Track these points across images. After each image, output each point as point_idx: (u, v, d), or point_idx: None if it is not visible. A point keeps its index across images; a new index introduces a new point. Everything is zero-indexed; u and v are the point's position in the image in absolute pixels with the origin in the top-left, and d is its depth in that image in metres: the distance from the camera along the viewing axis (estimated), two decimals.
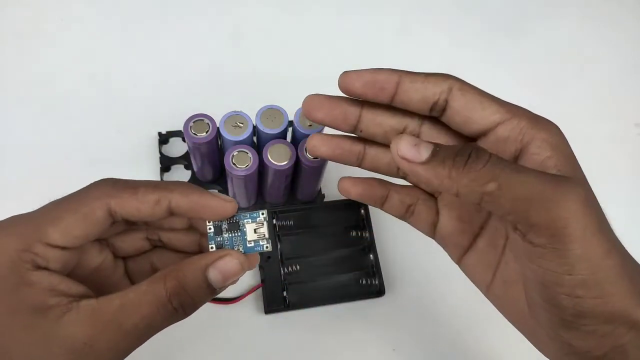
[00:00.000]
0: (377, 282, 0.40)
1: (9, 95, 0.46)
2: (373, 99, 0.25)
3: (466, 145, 0.21)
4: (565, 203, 0.20)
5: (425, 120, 0.27)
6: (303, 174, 0.38)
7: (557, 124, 0.24)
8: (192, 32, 0.51)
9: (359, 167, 0.29)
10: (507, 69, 0.54)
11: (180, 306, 0.22)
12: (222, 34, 0.52)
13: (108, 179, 0.24)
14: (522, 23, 0.57)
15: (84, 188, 0.23)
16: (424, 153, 0.21)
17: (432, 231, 0.29)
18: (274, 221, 0.41)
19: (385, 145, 0.27)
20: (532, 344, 0.26)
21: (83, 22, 0.50)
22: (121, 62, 0.49)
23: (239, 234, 0.25)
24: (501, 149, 0.24)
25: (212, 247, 0.25)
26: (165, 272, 0.22)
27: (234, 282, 0.24)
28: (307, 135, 0.36)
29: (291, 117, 0.37)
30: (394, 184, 0.29)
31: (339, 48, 0.52)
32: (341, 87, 0.26)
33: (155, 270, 0.28)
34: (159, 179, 0.42)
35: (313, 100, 0.27)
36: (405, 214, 0.29)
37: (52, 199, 0.24)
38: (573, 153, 0.24)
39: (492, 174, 0.20)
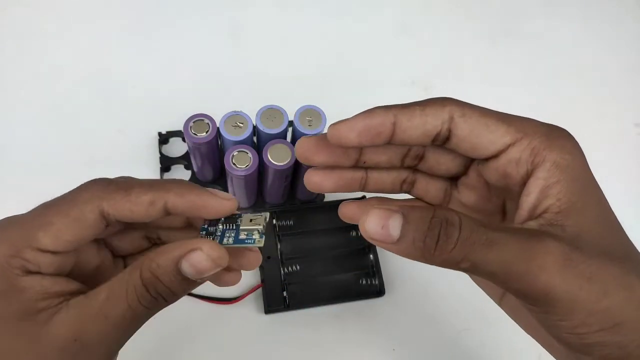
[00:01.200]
0: (377, 282, 0.40)
1: (9, 95, 0.46)
2: (370, 145, 0.24)
3: (434, 223, 0.20)
4: (541, 274, 0.20)
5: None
6: (303, 174, 0.38)
7: (570, 132, 0.23)
8: (192, 31, 0.51)
9: (361, 191, 0.27)
10: (507, 69, 0.54)
11: (159, 295, 0.22)
12: (222, 34, 0.52)
13: (100, 179, 0.23)
14: (522, 23, 0.57)
15: (75, 190, 0.23)
16: (394, 233, 0.20)
17: None
18: (274, 221, 0.41)
19: (388, 168, 0.27)
20: (550, 353, 0.25)
21: (83, 22, 0.50)
22: (121, 62, 0.49)
23: (234, 227, 0.23)
24: (513, 171, 0.23)
25: (201, 235, 0.24)
26: (142, 261, 0.22)
27: (212, 276, 0.22)
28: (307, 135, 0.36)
29: (291, 117, 0.37)
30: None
31: (339, 48, 0.52)
32: (333, 141, 0.23)
33: None
34: (159, 179, 0.42)
35: (308, 144, 0.25)
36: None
37: (48, 200, 0.23)
38: (585, 171, 0.22)
39: (463, 254, 0.20)
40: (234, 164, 0.35)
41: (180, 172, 0.44)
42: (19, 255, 0.21)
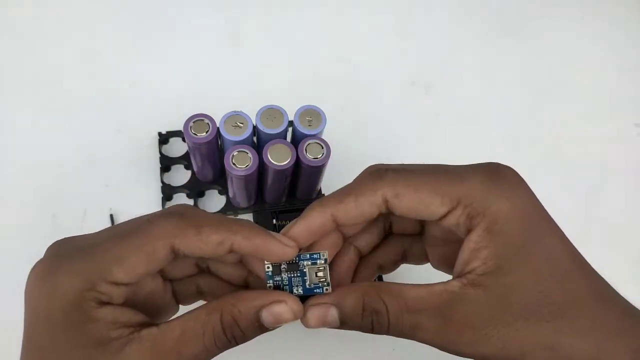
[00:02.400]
0: (376, 281, 0.40)
1: (9, 95, 0.46)
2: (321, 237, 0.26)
3: (365, 316, 0.23)
4: (461, 349, 0.22)
5: None
6: (303, 174, 0.38)
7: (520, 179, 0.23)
8: (192, 31, 0.51)
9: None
10: (507, 69, 0.54)
11: (234, 338, 0.23)
12: (222, 33, 0.52)
13: (173, 213, 0.23)
14: (522, 23, 0.57)
15: (147, 222, 0.23)
16: (334, 324, 0.24)
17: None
18: (274, 221, 0.40)
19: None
20: None
21: (83, 22, 0.50)
22: (121, 62, 0.49)
23: (299, 274, 0.25)
24: (456, 231, 0.23)
25: (269, 286, 0.25)
26: (222, 304, 0.23)
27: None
28: (307, 135, 0.36)
29: (291, 117, 0.37)
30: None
31: (339, 48, 0.52)
32: (285, 242, 0.24)
33: (201, 292, 0.28)
34: (159, 179, 0.42)
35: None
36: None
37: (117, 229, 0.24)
38: (525, 226, 0.22)
39: (398, 334, 0.23)
40: (234, 164, 0.35)
41: (180, 172, 0.44)
42: (94, 288, 0.21)
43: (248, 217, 0.42)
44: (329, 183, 0.42)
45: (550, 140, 0.50)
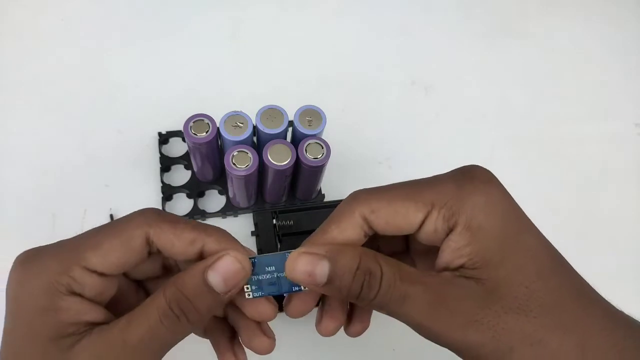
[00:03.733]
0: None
1: (9, 95, 0.46)
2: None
3: (358, 275, 0.22)
4: (446, 333, 0.21)
5: None
6: (303, 174, 0.38)
7: (489, 169, 0.23)
8: (193, 31, 0.51)
9: None
10: (507, 69, 0.54)
11: (182, 313, 0.22)
12: (222, 34, 0.52)
13: (151, 208, 0.24)
14: (521, 23, 0.57)
15: (125, 216, 0.23)
16: (320, 280, 0.22)
17: None
18: (274, 221, 0.40)
19: None
20: None
21: (83, 22, 0.50)
22: (121, 62, 0.49)
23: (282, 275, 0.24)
24: (435, 239, 0.23)
25: (247, 289, 0.24)
26: (166, 283, 0.22)
27: (238, 289, 0.23)
28: (307, 135, 0.36)
29: (291, 117, 0.37)
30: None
31: (339, 48, 0.53)
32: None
33: None
34: (159, 179, 0.42)
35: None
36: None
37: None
38: (505, 219, 0.22)
39: (381, 305, 0.22)
40: (234, 164, 0.35)
41: (180, 172, 0.44)
42: (67, 272, 0.21)
43: (248, 217, 0.42)
44: (329, 183, 0.42)
45: (550, 140, 0.50)
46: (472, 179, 0.23)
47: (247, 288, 0.24)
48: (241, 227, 0.42)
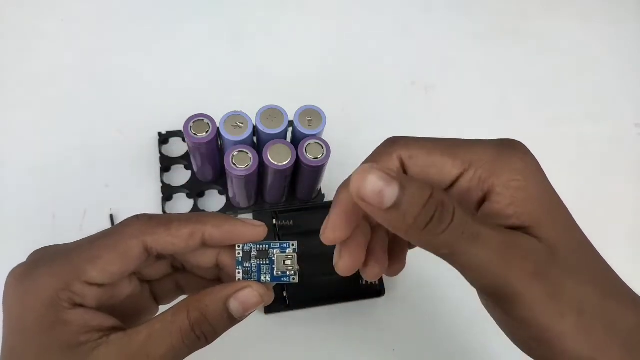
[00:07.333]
0: (377, 282, 0.40)
1: (9, 95, 0.46)
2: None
3: (431, 203, 0.19)
4: (511, 279, 0.20)
5: None
6: (303, 174, 0.38)
7: (527, 146, 0.24)
8: (193, 31, 0.51)
9: None
10: (507, 69, 0.54)
11: (203, 335, 0.23)
12: (222, 34, 0.52)
13: (142, 215, 0.24)
14: (521, 23, 0.57)
15: (118, 226, 0.24)
16: (387, 201, 0.19)
17: None
18: (274, 221, 0.40)
19: None
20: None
21: (83, 22, 0.50)
22: (121, 62, 0.49)
23: (267, 262, 0.25)
24: (467, 198, 0.23)
25: (238, 272, 0.25)
26: (188, 302, 0.23)
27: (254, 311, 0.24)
28: (307, 135, 0.36)
29: (291, 117, 0.37)
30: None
31: (339, 48, 0.52)
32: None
33: (180, 289, 0.28)
34: (159, 179, 0.42)
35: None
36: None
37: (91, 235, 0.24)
38: (543, 189, 0.23)
39: (448, 242, 0.20)
40: (234, 164, 0.35)
41: (180, 172, 0.44)
42: (68, 288, 0.22)
43: (248, 217, 0.42)
44: (329, 183, 0.42)
45: (550, 140, 0.50)
46: (512, 148, 0.23)
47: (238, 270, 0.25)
48: None
